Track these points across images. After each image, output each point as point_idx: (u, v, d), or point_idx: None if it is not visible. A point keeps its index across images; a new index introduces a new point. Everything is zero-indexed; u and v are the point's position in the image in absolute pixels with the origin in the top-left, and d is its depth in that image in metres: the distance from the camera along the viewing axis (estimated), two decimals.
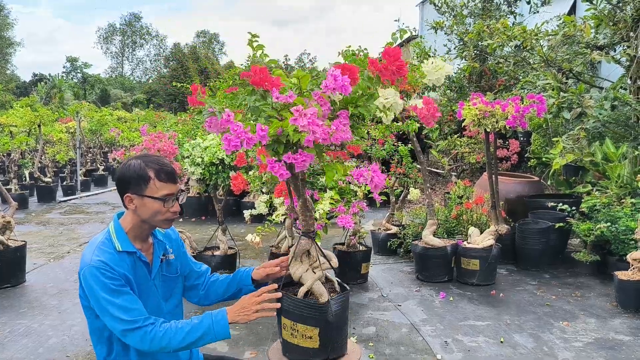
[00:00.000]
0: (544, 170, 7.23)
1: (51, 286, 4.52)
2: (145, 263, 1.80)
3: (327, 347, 2.04)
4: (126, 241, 1.75)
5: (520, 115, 4.04)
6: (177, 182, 1.77)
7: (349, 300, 2.26)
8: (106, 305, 1.64)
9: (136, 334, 1.65)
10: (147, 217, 1.75)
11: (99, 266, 1.65)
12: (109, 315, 1.65)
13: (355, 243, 4.65)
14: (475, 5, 8.64)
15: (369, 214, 7.30)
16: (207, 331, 1.69)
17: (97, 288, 1.64)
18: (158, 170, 1.72)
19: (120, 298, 1.65)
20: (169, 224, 1.80)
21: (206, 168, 4.19)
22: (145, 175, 1.71)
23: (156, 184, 1.71)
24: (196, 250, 4.59)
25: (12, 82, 38.42)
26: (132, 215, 1.77)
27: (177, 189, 1.77)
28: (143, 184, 1.71)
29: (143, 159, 1.75)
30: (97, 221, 7.80)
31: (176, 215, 1.79)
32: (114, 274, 1.67)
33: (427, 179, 4.91)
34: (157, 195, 1.72)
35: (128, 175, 1.73)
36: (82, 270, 1.69)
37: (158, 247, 1.87)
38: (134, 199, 1.73)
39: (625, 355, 3.12)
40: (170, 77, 38.23)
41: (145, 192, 1.71)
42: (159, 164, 1.74)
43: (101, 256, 1.68)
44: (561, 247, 5.30)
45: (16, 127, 10.62)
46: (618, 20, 4.90)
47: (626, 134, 5.00)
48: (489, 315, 3.79)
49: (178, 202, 1.78)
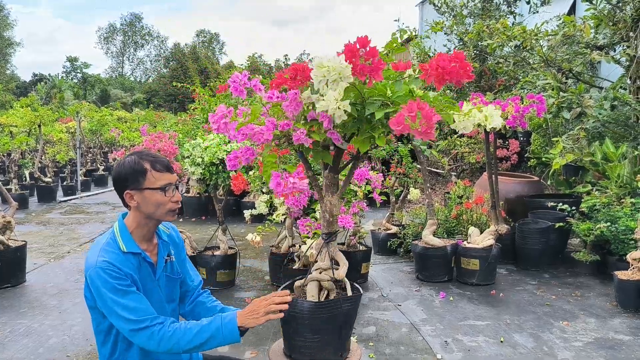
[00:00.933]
0: (544, 170, 7.23)
1: (51, 286, 4.52)
2: (150, 264, 1.80)
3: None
4: (131, 242, 1.75)
5: (520, 115, 4.04)
6: (173, 172, 1.78)
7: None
8: (113, 306, 1.64)
9: (144, 333, 1.64)
10: (151, 211, 1.74)
11: (105, 267, 1.65)
12: (115, 315, 1.64)
13: (355, 243, 4.65)
14: (475, 5, 8.64)
15: (369, 213, 7.31)
16: (215, 334, 1.67)
17: (103, 289, 1.64)
18: (153, 161, 1.73)
19: (127, 298, 1.64)
20: (172, 214, 1.78)
21: (206, 168, 4.19)
22: (141, 169, 1.71)
23: (154, 175, 1.72)
24: (196, 250, 4.59)
25: (12, 82, 38.41)
26: (135, 212, 1.76)
27: (175, 179, 1.78)
28: (141, 178, 1.71)
29: (137, 154, 1.76)
30: (98, 221, 7.80)
31: (178, 205, 1.79)
32: (120, 273, 1.66)
33: (427, 178, 4.91)
34: (157, 186, 1.72)
35: (125, 172, 1.73)
36: (87, 272, 1.69)
37: (163, 248, 1.87)
38: (134, 194, 1.73)
39: (625, 355, 3.12)
40: (170, 77, 38.25)
41: (144, 185, 1.71)
42: (153, 156, 1.76)
43: (106, 256, 1.67)
44: (561, 247, 5.30)
45: (16, 127, 10.63)
46: (618, 20, 4.91)
47: (626, 134, 5.01)
48: (488, 315, 3.79)
49: (178, 192, 1.79)
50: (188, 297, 1.99)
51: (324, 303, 2.18)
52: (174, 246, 1.93)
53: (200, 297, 1.99)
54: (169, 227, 1.95)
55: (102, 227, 7.28)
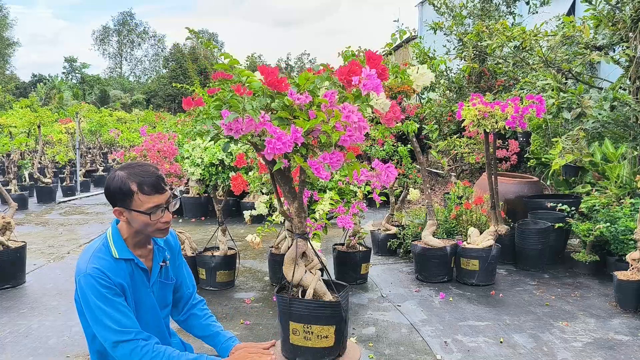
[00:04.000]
0: (544, 171, 7.24)
1: (51, 287, 4.52)
2: (143, 270, 1.77)
3: (340, 343, 2.06)
4: (124, 248, 1.72)
5: (519, 115, 4.05)
6: (164, 192, 1.68)
7: (349, 300, 2.26)
8: (99, 314, 1.61)
9: (127, 346, 1.61)
10: (139, 228, 1.71)
11: (95, 274, 1.62)
12: (101, 325, 1.62)
13: (355, 243, 4.65)
14: (475, 5, 8.64)
15: (368, 214, 7.31)
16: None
17: (91, 296, 1.62)
18: (140, 183, 1.64)
19: (114, 308, 1.62)
20: (162, 233, 1.74)
21: (206, 169, 4.19)
22: (127, 190, 1.64)
23: (140, 198, 1.65)
24: (196, 251, 4.59)
25: (11, 83, 38.40)
26: (126, 225, 1.74)
27: (164, 199, 1.69)
28: (128, 199, 1.65)
29: (127, 170, 1.67)
30: (97, 222, 7.80)
31: (168, 225, 1.73)
32: (110, 282, 1.64)
33: (426, 179, 4.91)
34: (142, 209, 1.66)
35: (113, 190, 1.67)
36: (77, 277, 1.67)
37: (158, 253, 1.84)
38: (123, 212, 1.69)
39: (624, 356, 3.12)
40: (169, 77, 38.25)
41: (132, 207, 1.66)
42: (141, 175, 1.66)
43: (97, 264, 1.65)
44: (560, 248, 5.31)
45: (16, 128, 10.64)
46: (617, 20, 4.91)
47: (625, 134, 5.01)
48: (488, 316, 3.79)
49: (169, 211, 1.72)
50: (182, 305, 1.98)
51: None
52: (170, 251, 1.91)
53: (195, 309, 1.98)
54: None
55: (101, 227, 7.28)
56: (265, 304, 4.07)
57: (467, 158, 7.32)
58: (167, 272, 1.87)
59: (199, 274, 4.44)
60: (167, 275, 1.87)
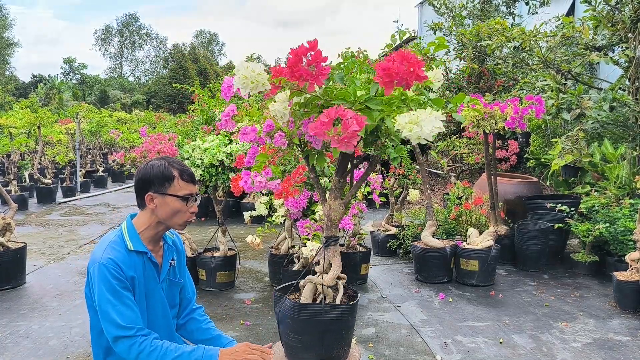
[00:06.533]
0: (543, 171, 7.25)
1: (51, 287, 4.53)
2: (155, 264, 1.82)
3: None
4: (138, 241, 1.77)
5: (519, 116, 4.05)
6: (196, 184, 1.84)
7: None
8: (106, 306, 1.65)
9: (127, 342, 1.64)
10: (166, 216, 1.77)
11: (109, 264, 1.66)
12: (106, 316, 1.65)
13: (354, 244, 4.65)
14: (474, 6, 8.65)
15: (368, 215, 7.32)
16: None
17: (102, 286, 1.65)
18: (181, 170, 1.78)
19: (121, 301, 1.65)
20: (184, 225, 1.82)
21: (206, 169, 4.20)
22: (169, 175, 1.75)
23: (179, 183, 1.76)
24: (196, 252, 4.59)
25: (11, 83, 38.41)
26: (149, 215, 1.78)
27: (196, 190, 1.84)
28: (167, 183, 1.75)
29: (166, 160, 1.80)
30: (97, 222, 7.80)
31: (193, 217, 1.83)
32: (122, 275, 1.68)
33: (426, 180, 4.92)
34: (180, 194, 1.76)
35: (152, 175, 1.76)
36: (90, 266, 1.70)
37: (168, 252, 1.89)
38: (155, 197, 1.75)
39: (623, 356, 3.13)
40: (170, 78, 38.26)
41: (168, 191, 1.75)
42: (181, 165, 1.81)
43: (112, 254, 1.69)
44: (560, 248, 5.31)
45: (16, 129, 10.65)
46: (616, 21, 4.91)
47: (625, 135, 5.01)
48: (488, 316, 3.80)
49: (196, 204, 1.83)
50: (182, 309, 2.00)
51: (303, 305, 2.16)
52: (176, 253, 1.96)
53: (194, 314, 2.01)
54: (173, 233, 1.98)
55: (101, 228, 7.28)
56: (265, 304, 4.07)
57: (467, 158, 7.32)
58: (175, 271, 1.91)
59: (199, 274, 4.44)
60: (175, 274, 1.91)
